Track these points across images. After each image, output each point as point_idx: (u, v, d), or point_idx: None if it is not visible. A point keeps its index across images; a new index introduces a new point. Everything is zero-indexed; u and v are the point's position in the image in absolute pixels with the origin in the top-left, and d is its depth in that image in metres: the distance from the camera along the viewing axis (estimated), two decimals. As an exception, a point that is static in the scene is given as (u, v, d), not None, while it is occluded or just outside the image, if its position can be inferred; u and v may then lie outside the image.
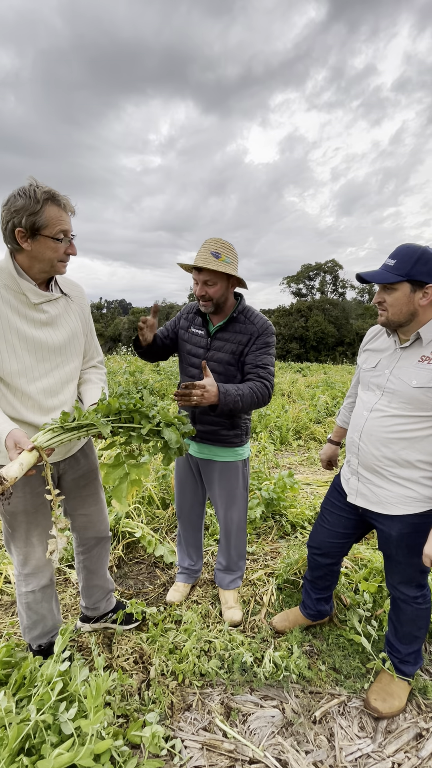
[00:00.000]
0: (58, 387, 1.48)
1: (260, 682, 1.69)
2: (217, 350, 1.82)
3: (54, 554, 1.22)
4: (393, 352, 1.45)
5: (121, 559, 2.57)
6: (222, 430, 1.87)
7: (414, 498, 1.42)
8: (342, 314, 46.25)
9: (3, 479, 1.06)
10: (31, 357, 1.40)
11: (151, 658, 1.77)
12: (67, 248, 1.36)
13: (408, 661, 1.64)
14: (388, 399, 1.42)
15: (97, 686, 1.28)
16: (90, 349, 1.67)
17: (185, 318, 1.95)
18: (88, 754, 1.17)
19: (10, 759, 1.16)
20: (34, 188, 1.24)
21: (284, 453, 5.11)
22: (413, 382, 1.34)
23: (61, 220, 1.29)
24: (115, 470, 1.31)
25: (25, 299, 1.36)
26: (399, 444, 1.40)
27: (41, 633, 1.66)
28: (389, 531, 1.49)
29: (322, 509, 1.81)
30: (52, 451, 1.23)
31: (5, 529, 1.52)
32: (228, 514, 2.03)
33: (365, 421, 1.49)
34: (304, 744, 1.48)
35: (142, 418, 1.31)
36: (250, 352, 1.79)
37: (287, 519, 3.05)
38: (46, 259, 1.33)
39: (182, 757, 1.41)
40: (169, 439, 1.27)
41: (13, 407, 1.40)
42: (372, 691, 1.63)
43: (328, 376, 12.55)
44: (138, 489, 1.30)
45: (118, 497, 1.27)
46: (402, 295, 1.32)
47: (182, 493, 2.13)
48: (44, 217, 1.25)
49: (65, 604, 2.17)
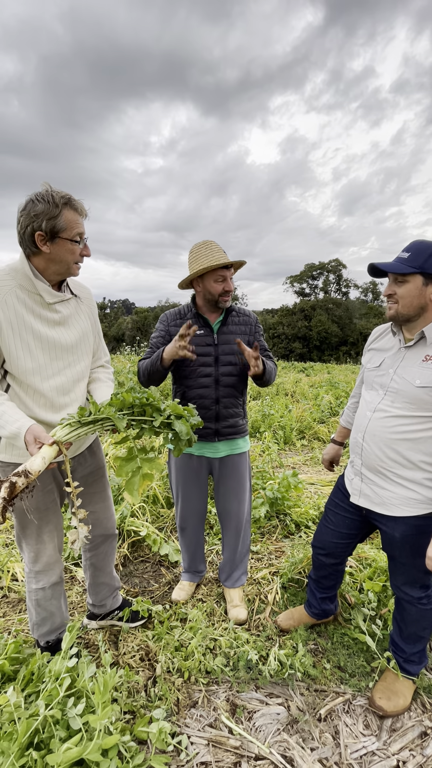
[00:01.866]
0: (70, 385, 1.51)
1: (265, 679, 1.70)
2: (227, 343, 1.90)
3: (75, 543, 1.26)
4: (397, 351, 1.46)
5: (127, 558, 2.59)
6: (239, 420, 1.98)
7: (417, 500, 1.42)
8: (345, 314, 46.12)
9: (28, 473, 1.09)
10: (45, 355, 1.43)
11: (157, 655, 1.78)
12: (83, 250, 1.41)
13: (413, 660, 1.65)
14: (392, 399, 1.42)
15: (104, 682, 1.30)
16: (98, 350, 1.70)
17: (173, 325, 1.92)
18: (96, 749, 1.19)
19: (19, 753, 1.18)
20: (51, 193, 1.28)
21: (288, 453, 5.11)
22: (417, 381, 1.35)
23: (78, 223, 1.34)
24: (128, 463, 1.33)
25: (39, 299, 1.39)
26: (402, 445, 1.40)
27: (49, 630, 1.68)
28: (392, 532, 1.50)
29: (326, 509, 1.81)
30: (70, 445, 1.26)
31: (17, 527, 1.54)
32: (241, 507, 2.06)
33: (368, 422, 1.49)
34: (309, 741, 1.49)
35: (153, 411, 1.34)
36: (256, 339, 1.96)
37: (291, 518, 3.05)
38: (63, 260, 1.37)
39: (188, 753, 1.42)
40: (180, 431, 1.30)
41: (26, 405, 1.42)
42: (377, 690, 1.64)
43: (332, 375, 12.53)
44: (149, 482, 1.32)
45: (131, 490, 1.30)
46: (414, 288, 1.33)
47: (188, 501, 2.09)
48: (63, 221, 1.30)
49: (72, 602, 2.19)
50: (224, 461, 2.00)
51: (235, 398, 1.93)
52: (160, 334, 1.96)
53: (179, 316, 1.96)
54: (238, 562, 2.18)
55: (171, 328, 1.94)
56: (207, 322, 1.91)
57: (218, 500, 2.09)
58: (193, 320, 1.92)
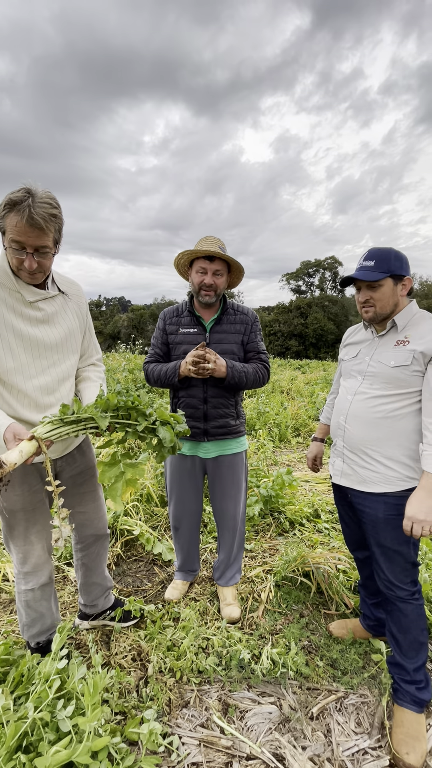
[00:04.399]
0: (55, 384, 1.48)
1: (258, 678, 1.70)
2: (219, 342, 1.89)
3: (59, 542, 1.24)
4: (371, 341, 1.60)
5: (120, 557, 2.57)
6: (231, 420, 1.95)
7: (396, 477, 1.49)
8: (341, 311, 46.17)
9: (3, 463, 1.07)
10: (27, 355, 1.40)
11: (149, 655, 1.77)
12: (24, 259, 1.29)
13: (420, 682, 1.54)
14: (370, 382, 1.54)
15: (94, 684, 1.28)
16: (89, 347, 1.67)
17: (170, 323, 1.96)
18: (85, 751, 1.17)
19: (7, 756, 1.16)
20: (11, 194, 1.24)
21: (283, 450, 5.11)
22: (391, 362, 1.48)
23: (15, 230, 1.24)
24: (111, 468, 1.30)
25: (20, 297, 1.36)
26: (383, 423, 1.50)
27: (40, 631, 1.66)
28: (375, 513, 1.54)
29: (338, 511, 1.86)
30: (51, 443, 1.24)
31: (4, 528, 1.52)
32: (236, 507, 2.06)
33: (350, 405, 1.60)
34: (301, 740, 1.49)
35: (138, 416, 1.32)
36: (250, 340, 1.95)
37: (286, 516, 3.05)
38: (12, 263, 1.32)
39: (180, 754, 1.41)
40: (164, 438, 1.28)
41: (10, 405, 1.40)
42: (398, 742, 1.46)
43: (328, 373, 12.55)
44: (133, 489, 1.29)
45: (113, 496, 1.27)
46: (388, 290, 1.48)
47: (182, 503, 2.08)
48: (4, 223, 1.26)
49: (63, 602, 2.17)
50: (218, 461, 1.98)
51: (225, 398, 1.90)
52: (158, 333, 1.98)
53: (176, 313, 1.96)
54: (232, 561, 2.17)
55: (167, 326, 1.95)
56: (200, 321, 1.90)
57: (213, 500, 2.08)
58: (187, 318, 1.91)
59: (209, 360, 1.73)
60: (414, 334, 1.46)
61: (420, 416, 1.46)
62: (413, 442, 1.47)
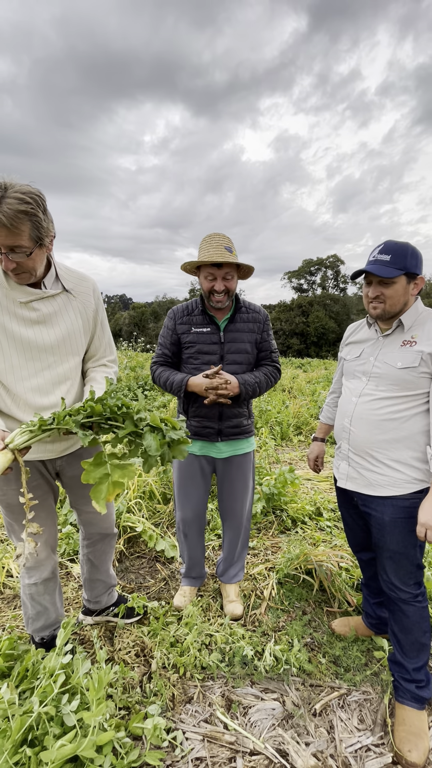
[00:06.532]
0: (49, 387, 1.44)
1: (261, 675, 1.70)
2: (233, 341, 1.86)
3: (20, 558, 1.16)
4: (376, 341, 1.55)
5: (123, 554, 2.58)
6: (244, 420, 1.94)
7: (403, 480, 1.47)
8: (343, 310, 46.09)
9: None
10: (19, 356, 1.37)
11: (152, 651, 1.78)
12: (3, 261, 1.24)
13: (420, 681, 1.54)
14: (375, 383, 1.50)
15: (99, 679, 1.29)
16: (100, 347, 1.61)
17: (180, 322, 1.89)
18: (90, 745, 1.18)
19: (13, 750, 1.17)
20: None
21: (285, 448, 5.11)
22: (398, 364, 1.44)
23: None
24: (96, 469, 1.17)
25: (14, 297, 1.34)
26: (389, 425, 1.46)
27: (44, 625, 1.67)
28: (381, 516, 1.51)
29: (340, 512, 1.84)
30: (27, 450, 1.19)
31: (6, 522, 1.52)
32: (243, 507, 2.05)
33: (355, 407, 1.55)
34: (304, 736, 1.49)
35: (127, 420, 1.19)
36: (263, 339, 1.93)
37: (288, 514, 3.06)
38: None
39: (183, 749, 1.42)
40: (148, 446, 1.14)
41: (5, 404, 1.40)
42: (400, 739, 1.46)
43: (329, 371, 12.53)
44: (120, 491, 1.17)
45: (97, 498, 1.14)
46: (401, 287, 1.42)
47: (191, 507, 2.04)
48: None
49: (67, 598, 2.18)
50: (228, 462, 1.96)
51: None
52: (167, 333, 1.91)
53: (187, 312, 1.90)
54: (236, 559, 2.17)
55: (178, 326, 1.89)
56: (213, 320, 1.86)
57: (221, 499, 2.07)
58: (199, 317, 1.87)
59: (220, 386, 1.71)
60: (421, 335, 1.42)
61: (427, 417, 1.43)
62: (420, 444, 1.44)
